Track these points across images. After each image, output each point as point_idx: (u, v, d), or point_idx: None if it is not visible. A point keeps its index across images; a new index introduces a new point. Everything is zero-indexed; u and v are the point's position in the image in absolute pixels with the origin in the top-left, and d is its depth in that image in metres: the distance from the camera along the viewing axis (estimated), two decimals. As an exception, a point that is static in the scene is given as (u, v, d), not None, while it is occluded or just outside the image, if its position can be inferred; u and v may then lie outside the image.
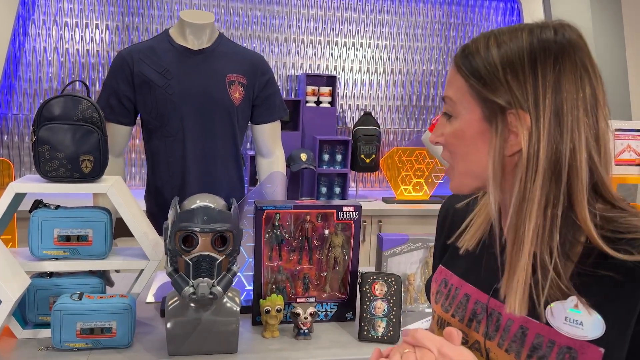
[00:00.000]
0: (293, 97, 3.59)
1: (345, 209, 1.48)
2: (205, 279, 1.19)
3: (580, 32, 0.67)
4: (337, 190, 3.43)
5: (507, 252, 0.68)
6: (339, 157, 3.41)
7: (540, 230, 0.65)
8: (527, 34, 0.66)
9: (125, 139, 1.74)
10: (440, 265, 0.87)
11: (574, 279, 0.65)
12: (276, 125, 1.83)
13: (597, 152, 0.65)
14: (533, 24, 0.68)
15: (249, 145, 3.44)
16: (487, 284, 0.75)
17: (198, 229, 1.18)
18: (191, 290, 1.18)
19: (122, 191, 1.40)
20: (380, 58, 3.70)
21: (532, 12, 3.56)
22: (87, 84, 3.27)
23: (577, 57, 0.65)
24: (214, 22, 1.72)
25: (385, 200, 3.39)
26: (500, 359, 0.71)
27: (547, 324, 0.66)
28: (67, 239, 1.35)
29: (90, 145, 1.34)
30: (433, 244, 1.46)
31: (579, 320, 0.64)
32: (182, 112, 1.63)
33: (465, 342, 0.77)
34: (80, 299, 1.27)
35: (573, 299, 0.64)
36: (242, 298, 1.56)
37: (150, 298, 1.62)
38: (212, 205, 1.23)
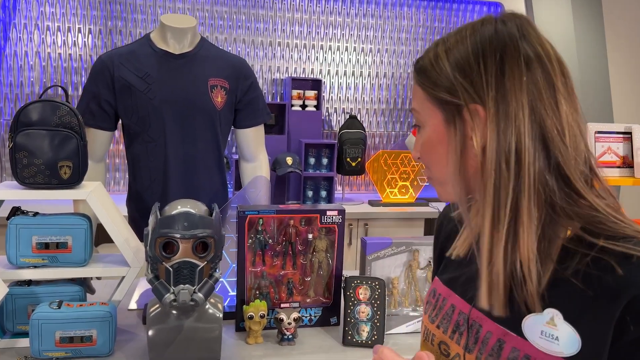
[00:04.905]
0: (279, 100, 3.58)
1: (329, 213, 1.48)
2: (187, 285, 1.17)
3: (528, 20, 0.67)
4: (324, 193, 3.42)
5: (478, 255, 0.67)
6: (324, 161, 3.40)
7: (499, 229, 0.63)
8: (470, 32, 0.67)
9: (106, 145, 1.72)
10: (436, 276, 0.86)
11: (553, 290, 0.63)
12: (259, 130, 1.82)
13: (560, 136, 0.62)
14: (477, 21, 0.69)
15: (234, 149, 3.43)
16: (470, 294, 0.73)
17: (178, 235, 1.17)
18: (172, 297, 1.17)
19: (102, 197, 1.39)
20: (366, 62, 3.71)
21: (515, 15, 3.60)
22: (69, 88, 3.25)
23: (522, 45, 0.64)
24: (198, 26, 1.71)
25: (372, 203, 3.40)
26: None
27: (525, 337, 0.65)
28: (46, 246, 1.33)
29: (69, 151, 1.32)
30: (417, 247, 1.47)
31: (554, 335, 0.62)
32: (164, 116, 1.62)
33: (447, 355, 0.75)
34: (59, 308, 1.25)
35: (550, 312, 0.63)
36: (226, 304, 1.55)
37: (132, 305, 1.60)
38: (193, 211, 1.21)
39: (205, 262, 1.20)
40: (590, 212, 0.63)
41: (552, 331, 0.62)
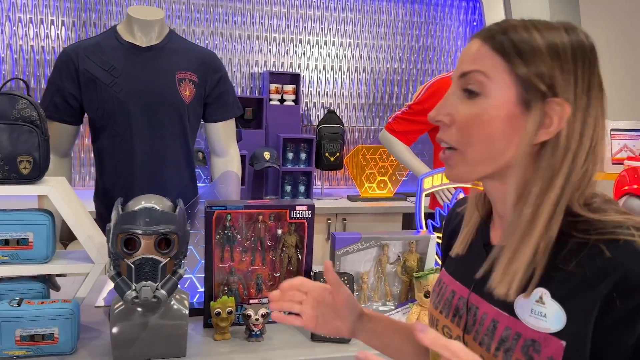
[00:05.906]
0: (257, 95, 3.55)
1: (298, 208, 1.47)
2: (149, 282, 1.15)
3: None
4: (302, 188, 3.41)
5: (508, 240, 0.68)
6: (303, 156, 3.39)
7: (550, 220, 0.66)
8: (564, 31, 0.67)
9: (71, 139, 1.68)
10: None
11: (542, 275, 0.66)
12: (230, 124, 1.80)
13: (594, 151, 0.67)
14: (562, 21, 0.69)
15: (212, 144, 3.39)
16: (470, 279, 0.76)
17: (140, 231, 1.14)
18: (134, 294, 1.15)
19: (64, 193, 1.36)
20: (344, 56, 3.70)
21: (493, 11, 3.61)
22: (42, 81, 3.18)
23: (597, 62, 0.68)
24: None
25: (350, 198, 3.39)
26: (475, 352, 0.72)
27: (517, 317, 0.68)
28: (6, 242, 1.29)
29: (29, 145, 1.28)
30: (386, 242, 1.47)
31: (542, 312, 0.65)
32: (130, 110, 1.58)
33: (449, 337, 0.78)
34: (19, 305, 1.22)
35: (539, 291, 0.66)
36: (195, 300, 1.53)
37: (100, 302, 1.57)
38: (156, 207, 1.19)
39: (169, 259, 1.18)
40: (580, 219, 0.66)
41: (540, 309, 0.65)
